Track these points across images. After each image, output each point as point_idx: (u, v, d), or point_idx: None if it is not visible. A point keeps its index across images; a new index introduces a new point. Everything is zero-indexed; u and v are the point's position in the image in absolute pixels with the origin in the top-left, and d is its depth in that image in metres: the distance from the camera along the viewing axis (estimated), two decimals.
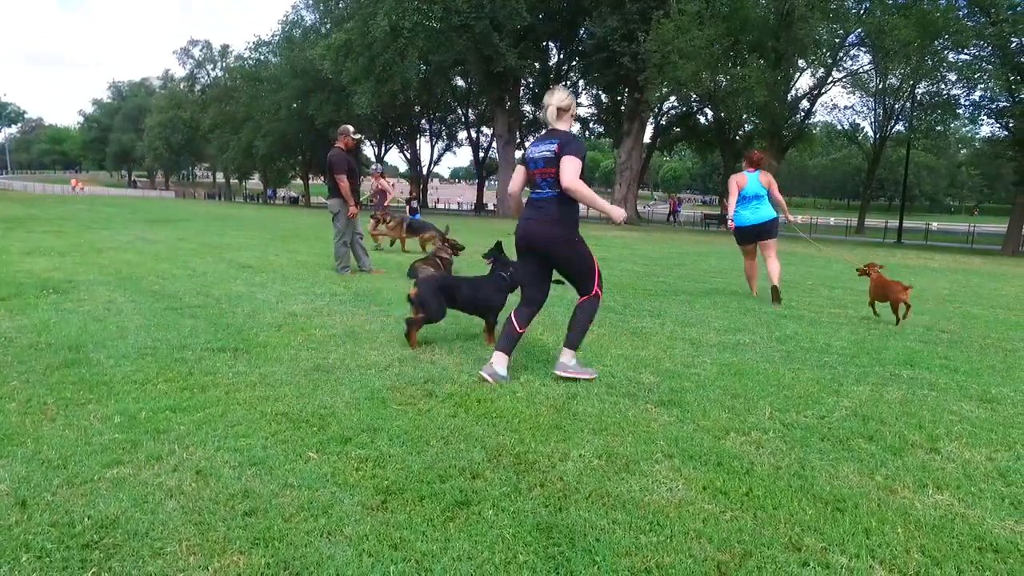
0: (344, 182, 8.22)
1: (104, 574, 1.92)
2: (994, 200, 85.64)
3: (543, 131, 3.91)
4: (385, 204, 13.22)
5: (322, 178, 45.49)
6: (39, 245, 10.84)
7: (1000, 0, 20.92)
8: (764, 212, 7.36)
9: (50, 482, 2.44)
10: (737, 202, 7.46)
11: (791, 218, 8.27)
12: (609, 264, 11.75)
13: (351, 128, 8.57)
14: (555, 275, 4.06)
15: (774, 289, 7.25)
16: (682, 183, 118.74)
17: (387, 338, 4.89)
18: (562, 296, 7.32)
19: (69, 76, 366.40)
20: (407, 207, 17.63)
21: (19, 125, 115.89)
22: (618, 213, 4.02)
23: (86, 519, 2.19)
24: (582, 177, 3.68)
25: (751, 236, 7.53)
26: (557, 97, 3.78)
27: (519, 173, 3.97)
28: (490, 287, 4.85)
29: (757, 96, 26.65)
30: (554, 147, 3.70)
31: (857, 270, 6.89)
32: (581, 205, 3.82)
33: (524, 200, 4.02)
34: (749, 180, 7.39)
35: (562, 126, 3.81)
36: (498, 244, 4.99)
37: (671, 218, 46.17)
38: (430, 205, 60.52)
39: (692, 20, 26.76)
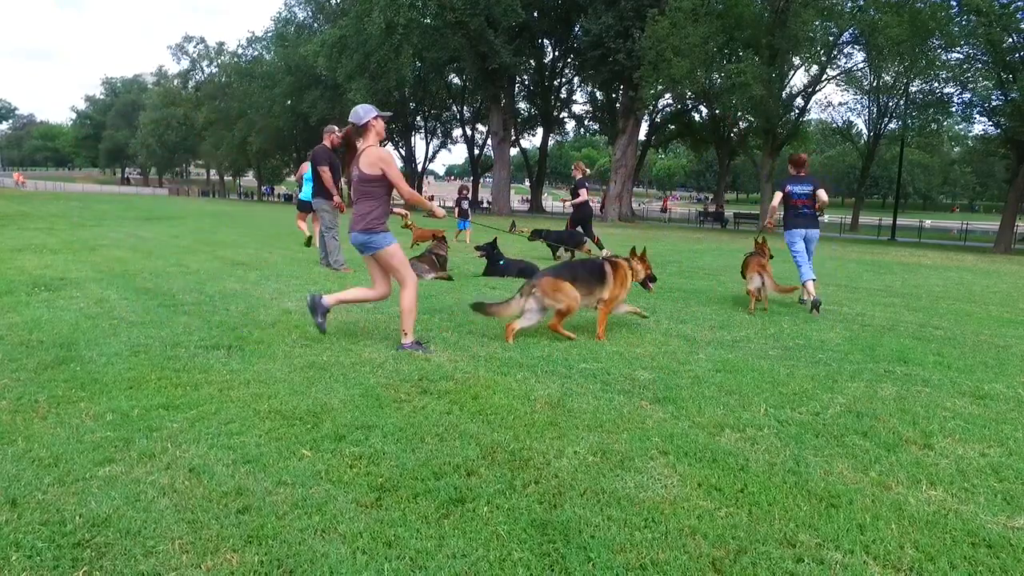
0: (326, 172, 8.41)
1: (96, 573, 1.90)
2: (987, 198, 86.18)
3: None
4: None
5: None
6: (31, 242, 10.76)
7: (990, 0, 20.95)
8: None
9: (41, 480, 2.42)
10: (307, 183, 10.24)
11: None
12: None
13: (336, 128, 8.82)
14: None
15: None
16: (676, 181, 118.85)
17: (382, 335, 4.87)
18: None
19: (61, 72, 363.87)
20: (456, 209, 14.71)
21: (10, 122, 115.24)
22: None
23: (77, 518, 2.17)
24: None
25: None
26: None
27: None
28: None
29: (753, 91, 26.69)
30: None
31: (404, 225, 10.16)
32: None
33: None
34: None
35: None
36: (493, 240, 5.01)
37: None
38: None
39: (687, 17, 26.74)
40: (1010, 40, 22.35)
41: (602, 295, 5.11)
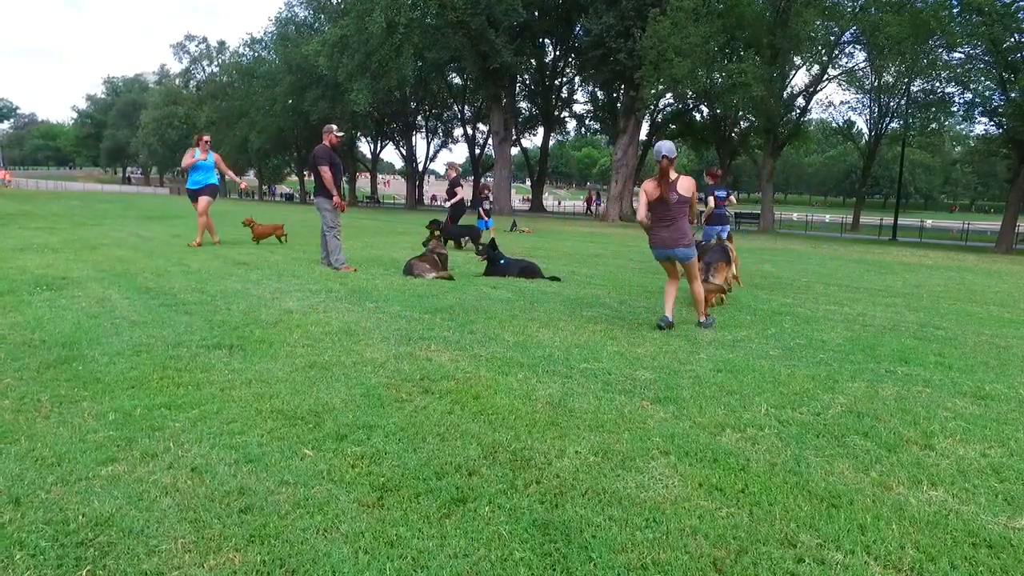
0: (327, 172, 8.46)
1: (99, 572, 1.91)
2: (988, 198, 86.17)
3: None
4: None
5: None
6: (32, 242, 10.78)
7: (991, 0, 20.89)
8: (211, 177, 11.43)
9: (44, 480, 2.43)
10: (195, 171, 11.11)
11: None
12: (605, 260, 11.76)
13: (335, 127, 8.89)
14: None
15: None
16: None
17: (383, 334, 4.88)
18: (558, 292, 7.32)
19: (62, 71, 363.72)
20: (479, 210, 14.60)
21: (11, 121, 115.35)
22: None
23: (80, 517, 2.18)
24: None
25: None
26: None
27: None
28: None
29: (754, 91, 26.67)
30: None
31: (243, 222, 11.66)
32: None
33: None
34: (207, 158, 11.15)
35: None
36: (492, 240, 5.10)
37: (589, 210, 49.41)
38: (425, 202, 60.42)
39: (688, 17, 26.70)
40: (1011, 40, 22.32)
41: (726, 273, 6.92)
